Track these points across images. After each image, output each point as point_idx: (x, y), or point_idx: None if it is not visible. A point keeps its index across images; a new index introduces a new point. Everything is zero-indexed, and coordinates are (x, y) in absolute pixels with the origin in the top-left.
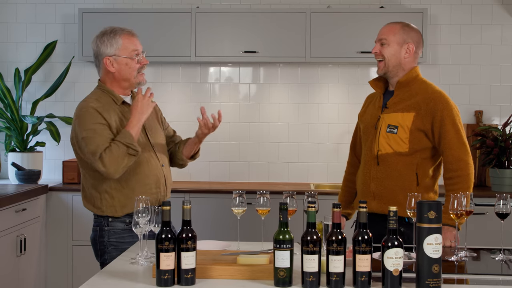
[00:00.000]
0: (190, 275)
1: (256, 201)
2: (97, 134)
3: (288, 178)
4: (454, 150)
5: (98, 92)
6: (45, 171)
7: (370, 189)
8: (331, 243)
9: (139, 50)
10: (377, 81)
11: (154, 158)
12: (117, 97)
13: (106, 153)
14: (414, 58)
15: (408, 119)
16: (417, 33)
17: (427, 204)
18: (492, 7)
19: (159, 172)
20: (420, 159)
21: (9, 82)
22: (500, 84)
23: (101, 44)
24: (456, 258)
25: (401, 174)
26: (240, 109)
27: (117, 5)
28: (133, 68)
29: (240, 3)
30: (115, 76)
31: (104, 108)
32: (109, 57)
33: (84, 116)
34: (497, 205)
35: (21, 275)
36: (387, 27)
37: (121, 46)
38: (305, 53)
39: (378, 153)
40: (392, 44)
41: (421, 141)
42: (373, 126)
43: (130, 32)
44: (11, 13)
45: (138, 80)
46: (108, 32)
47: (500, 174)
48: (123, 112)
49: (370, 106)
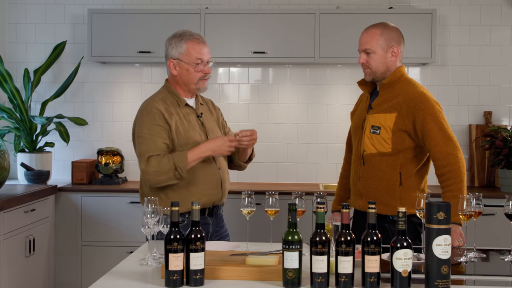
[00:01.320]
0: (199, 276)
1: (265, 201)
2: (153, 137)
3: (297, 178)
4: (441, 146)
5: (164, 92)
6: (54, 171)
7: (357, 188)
8: (340, 244)
9: (204, 59)
10: (364, 81)
11: (211, 161)
12: (181, 100)
13: (156, 160)
14: (399, 59)
15: (390, 120)
16: (396, 31)
17: (436, 205)
18: (501, 7)
19: (215, 174)
20: (404, 159)
21: (18, 83)
22: (510, 84)
23: (169, 46)
24: (465, 259)
25: (384, 174)
26: (249, 109)
27: (126, 5)
28: (194, 76)
29: (249, 4)
30: (177, 79)
31: (168, 109)
32: (173, 59)
33: (147, 116)
34: (506, 206)
35: (30, 275)
36: (368, 35)
37: (184, 51)
38: (314, 53)
39: (363, 153)
40: (377, 52)
41: (404, 141)
42: (360, 127)
43: (197, 39)
44: (20, 14)
45: (198, 86)
46: (178, 35)
47: (509, 175)
48: (184, 114)
49: (360, 106)
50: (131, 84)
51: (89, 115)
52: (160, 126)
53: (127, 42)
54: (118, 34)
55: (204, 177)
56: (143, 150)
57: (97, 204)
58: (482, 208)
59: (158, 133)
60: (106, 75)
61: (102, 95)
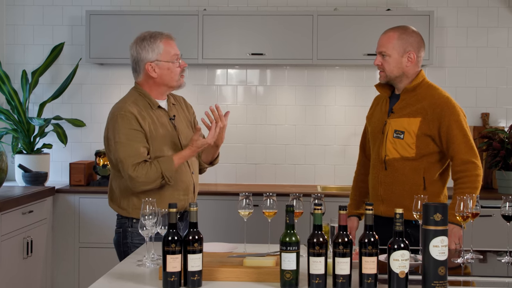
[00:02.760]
0: (196, 277)
1: (263, 203)
2: (131, 141)
3: (295, 180)
4: (463, 154)
5: (135, 94)
6: (52, 173)
7: (379, 193)
8: (338, 245)
9: (179, 54)
10: (383, 84)
11: (185, 165)
12: (153, 102)
13: (144, 169)
14: (416, 64)
15: (415, 124)
16: (416, 37)
17: (433, 206)
18: (498, 9)
19: (189, 179)
20: (427, 164)
21: (16, 84)
22: (507, 86)
23: (141, 50)
24: (463, 260)
25: (408, 179)
26: (247, 111)
27: (124, 7)
28: (175, 72)
29: (247, 6)
30: (156, 81)
31: (141, 113)
32: (150, 62)
33: (122, 120)
34: (503, 207)
35: (28, 277)
36: (385, 37)
37: (162, 51)
38: (312, 55)
39: (385, 158)
40: (393, 55)
41: (428, 146)
42: (380, 131)
43: (169, 36)
44: (18, 15)
45: (179, 83)
46: (148, 37)
47: (507, 176)
48: (157, 117)
49: (377, 109)
50: (129, 86)
51: (87, 116)
52: (137, 130)
53: (125, 44)
54: (116, 36)
55: (177, 182)
56: (123, 156)
57: (95, 206)
58: (479, 210)
59: (135, 138)
60: (104, 76)
61: (100, 96)
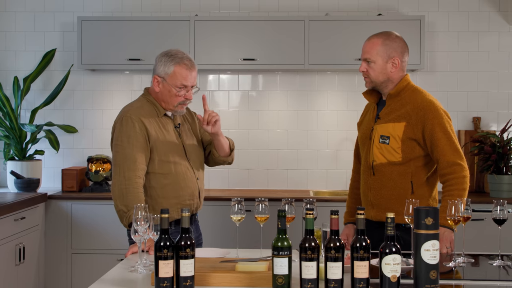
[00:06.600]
0: (189, 283)
1: (255, 208)
2: (131, 145)
3: (287, 185)
4: (448, 157)
5: (143, 100)
6: (44, 179)
7: (369, 198)
8: (330, 250)
9: (188, 86)
10: (370, 91)
11: (190, 172)
12: (160, 110)
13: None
14: (401, 69)
15: (399, 129)
16: (399, 42)
17: (424, 211)
18: (489, 14)
19: (194, 185)
20: (414, 168)
21: (8, 91)
22: (498, 90)
23: (158, 62)
24: (454, 264)
25: (396, 183)
26: (239, 116)
27: (116, 13)
28: (173, 99)
29: (238, 11)
30: (158, 95)
31: (147, 118)
32: (158, 77)
33: (126, 123)
34: (494, 211)
35: (20, 284)
36: (369, 44)
37: (171, 73)
38: (304, 60)
39: (373, 164)
40: (377, 62)
41: (414, 150)
42: (368, 137)
43: (186, 65)
44: (9, 22)
45: (176, 109)
46: (169, 54)
47: (498, 180)
48: (164, 123)
49: (367, 116)
50: (121, 92)
51: (79, 122)
52: (140, 134)
53: (117, 50)
54: (108, 42)
55: (182, 188)
56: (119, 161)
57: (87, 212)
58: (470, 214)
59: (136, 142)
60: (95, 82)
61: (92, 102)
